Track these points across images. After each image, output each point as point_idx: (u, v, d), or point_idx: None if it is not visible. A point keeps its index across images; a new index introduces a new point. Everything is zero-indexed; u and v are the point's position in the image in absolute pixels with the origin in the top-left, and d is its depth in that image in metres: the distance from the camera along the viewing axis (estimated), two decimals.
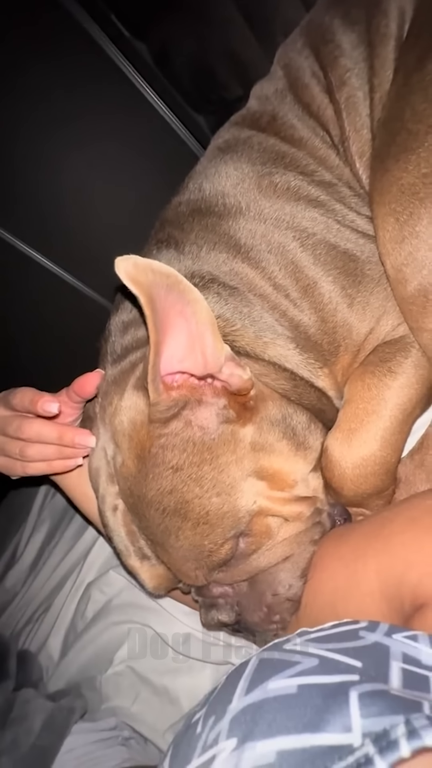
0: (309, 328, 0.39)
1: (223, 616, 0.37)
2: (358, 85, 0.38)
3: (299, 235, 0.39)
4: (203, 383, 0.34)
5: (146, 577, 0.39)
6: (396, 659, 0.19)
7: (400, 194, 0.34)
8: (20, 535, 0.95)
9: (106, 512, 0.40)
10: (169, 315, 0.30)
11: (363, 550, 0.31)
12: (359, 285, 0.40)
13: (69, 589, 0.73)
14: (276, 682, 0.19)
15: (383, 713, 0.15)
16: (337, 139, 0.40)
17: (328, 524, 0.40)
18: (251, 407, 0.36)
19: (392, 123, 0.35)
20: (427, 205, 0.32)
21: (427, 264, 0.33)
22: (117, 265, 0.27)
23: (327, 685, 0.18)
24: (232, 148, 0.44)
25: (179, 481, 0.33)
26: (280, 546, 0.36)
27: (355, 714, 0.16)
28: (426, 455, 0.40)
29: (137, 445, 0.35)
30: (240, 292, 0.38)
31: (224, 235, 0.40)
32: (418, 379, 0.39)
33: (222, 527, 0.34)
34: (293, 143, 0.41)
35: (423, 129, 0.32)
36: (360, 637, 0.21)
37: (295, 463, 0.37)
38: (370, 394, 0.38)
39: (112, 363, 0.41)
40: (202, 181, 0.44)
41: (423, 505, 0.30)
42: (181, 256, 0.41)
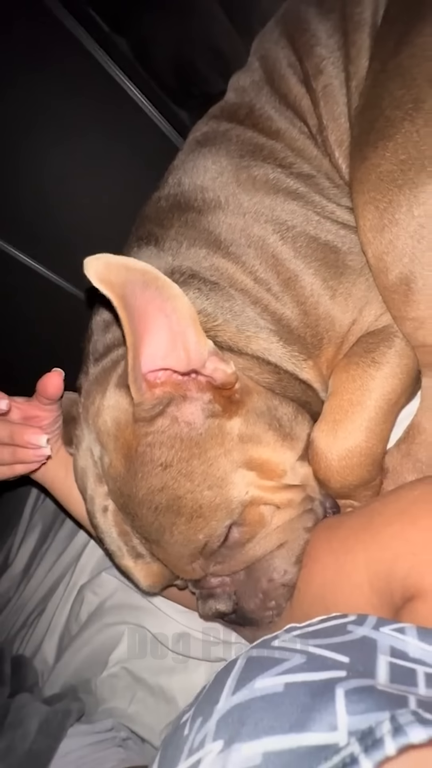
0: (292, 321, 0.39)
1: (220, 606, 0.37)
2: (335, 73, 0.38)
3: (279, 228, 0.39)
4: (187, 379, 0.34)
5: (141, 576, 0.39)
6: (383, 653, 0.19)
7: (378, 182, 0.33)
8: (12, 539, 0.94)
9: (95, 513, 0.40)
10: (148, 312, 0.30)
11: (352, 543, 0.31)
12: (341, 276, 0.39)
13: (62, 592, 0.72)
14: (263, 681, 0.19)
15: (369, 710, 0.15)
16: (315, 129, 0.40)
17: (321, 512, 0.40)
18: (237, 400, 0.35)
19: (370, 110, 0.35)
20: (406, 192, 0.32)
21: (408, 252, 0.33)
22: (86, 265, 0.26)
23: (314, 682, 0.17)
24: (210, 141, 0.43)
25: (169, 477, 0.33)
26: (275, 533, 0.36)
27: (341, 712, 0.16)
28: (412, 445, 0.40)
29: (123, 444, 0.35)
30: (221, 287, 0.38)
31: (204, 230, 0.40)
32: (402, 369, 0.39)
33: (216, 519, 0.34)
34: (271, 135, 0.41)
35: (400, 115, 0.32)
36: (348, 632, 0.21)
37: (283, 453, 0.37)
38: (355, 385, 0.38)
39: (94, 362, 0.41)
40: (181, 175, 0.44)
41: (410, 496, 0.30)
42: (161, 252, 0.40)
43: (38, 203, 0.74)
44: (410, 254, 0.33)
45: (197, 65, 0.75)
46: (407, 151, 0.31)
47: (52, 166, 0.73)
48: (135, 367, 0.30)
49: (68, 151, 0.73)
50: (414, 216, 0.32)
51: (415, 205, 0.32)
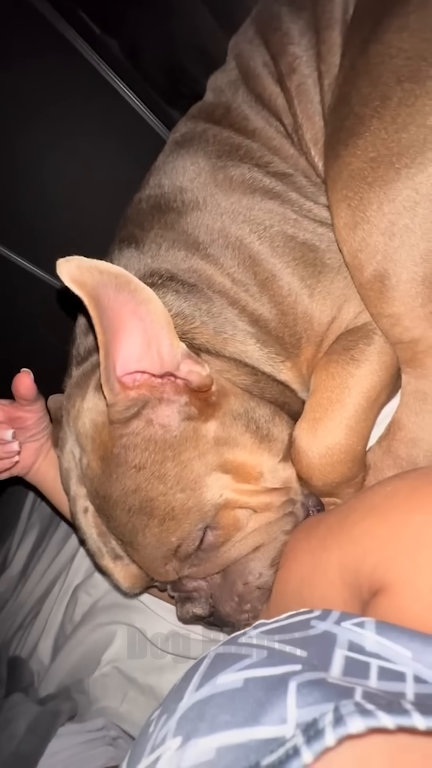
0: (270, 322, 0.39)
1: (197, 609, 0.37)
2: (308, 72, 0.38)
3: (256, 228, 0.39)
4: (163, 381, 0.34)
5: (120, 577, 0.39)
6: (341, 647, 0.19)
7: (350, 180, 0.33)
8: (11, 540, 0.94)
9: (77, 514, 0.40)
10: (122, 315, 0.30)
11: (328, 540, 0.32)
12: (319, 275, 0.39)
13: (57, 593, 0.73)
14: (225, 677, 0.19)
15: (317, 702, 0.15)
16: (291, 127, 0.40)
17: (302, 514, 0.40)
18: (213, 403, 0.35)
19: (341, 108, 0.35)
20: (376, 190, 0.32)
21: (381, 249, 0.33)
22: (59, 267, 0.27)
23: (271, 677, 0.18)
24: (188, 142, 0.43)
25: (143, 479, 0.33)
26: (251, 537, 0.36)
27: (291, 705, 0.16)
28: (392, 441, 0.40)
29: (100, 446, 0.35)
30: (199, 289, 0.38)
31: (183, 232, 0.40)
32: (381, 366, 0.39)
33: (188, 522, 0.34)
34: (247, 135, 0.41)
35: (368, 113, 0.32)
36: (311, 627, 0.21)
37: (260, 456, 0.37)
38: (334, 383, 0.38)
39: (76, 365, 0.41)
40: (161, 176, 0.44)
41: (383, 492, 0.30)
42: (141, 255, 0.41)
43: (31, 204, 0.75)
44: (383, 251, 0.33)
45: (186, 65, 0.75)
46: (376, 149, 0.31)
47: (46, 167, 0.74)
48: (107, 367, 0.30)
49: (61, 152, 0.73)
50: (384, 213, 0.32)
51: (385, 203, 0.32)
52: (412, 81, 0.29)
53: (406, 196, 0.30)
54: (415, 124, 0.29)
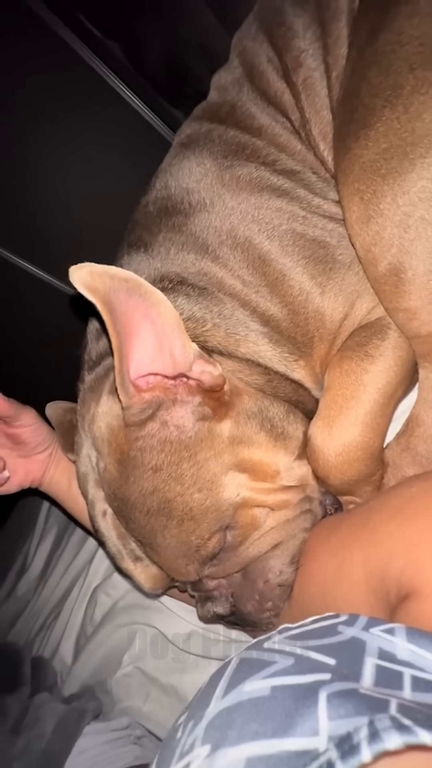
0: (281, 322, 0.39)
1: (218, 609, 0.37)
2: (314, 65, 0.37)
3: (265, 227, 0.38)
4: (176, 382, 0.34)
5: (141, 578, 0.40)
6: (371, 655, 0.18)
7: (362, 172, 0.33)
8: (29, 543, 0.96)
9: (96, 517, 0.40)
10: (133, 318, 0.30)
11: (350, 541, 0.31)
12: (330, 272, 0.39)
13: (77, 594, 0.74)
14: (251, 684, 0.19)
15: (349, 714, 0.15)
16: (298, 123, 0.40)
17: (320, 512, 0.40)
18: (226, 402, 0.35)
19: (350, 100, 0.34)
20: (390, 182, 0.31)
21: (396, 242, 0.33)
22: (71, 274, 0.27)
23: (299, 685, 0.17)
24: (193, 143, 0.43)
25: (160, 480, 0.33)
26: (269, 535, 0.36)
27: (322, 716, 0.16)
28: (411, 438, 0.40)
29: (116, 449, 0.35)
30: (210, 291, 0.38)
31: (191, 235, 0.40)
32: (397, 361, 0.38)
33: (207, 522, 0.34)
34: (253, 133, 0.41)
35: (380, 103, 0.31)
36: (338, 633, 0.21)
37: (276, 454, 0.37)
38: (349, 379, 0.38)
39: (89, 370, 0.41)
40: (167, 179, 0.44)
41: (407, 494, 0.29)
42: (150, 259, 0.41)
43: (38, 209, 0.76)
44: (398, 244, 0.33)
45: (189, 65, 0.75)
46: (389, 140, 0.31)
47: (51, 172, 0.75)
48: (121, 371, 0.31)
49: (67, 157, 0.74)
50: (399, 205, 0.31)
51: (399, 194, 0.31)
52: (425, 68, 0.28)
53: (422, 186, 0.30)
54: (430, 113, 0.28)
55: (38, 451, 0.51)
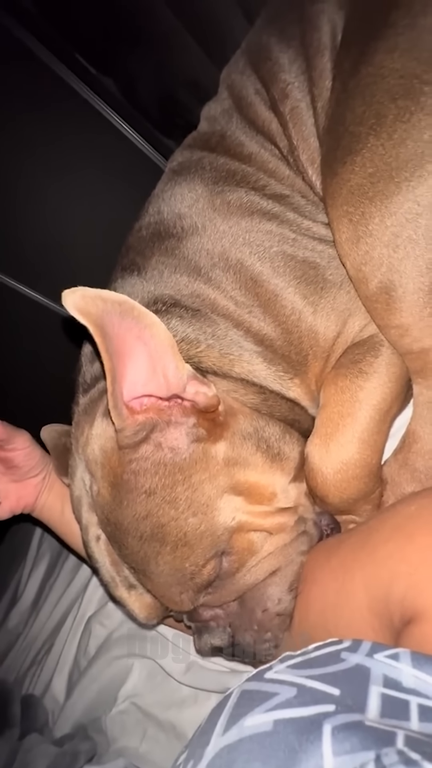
0: (275, 341, 0.39)
1: (216, 640, 0.36)
2: (300, 96, 0.39)
3: (256, 249, 0.39)
4: (170, 404, 0.34)
5: (135, 607, 0.38)
6: (376, 683, 0.17)
7: (350, 195, 0.34)
8: (21, 571, 0.93)
9: (90, 543, 0.39)
10: (127, 341, 0.30)
11: (350, 563, 0.30)
12: (322, 291, 0.39)
13: (70, 624, 0.71)
14: (253, 718, 0.18)
15: (355, 749, 0.14)
16: (286, 150, 0.41)
17: (316, 534, 0.39)
18: (221, 423, 0.35)
19: (336, 128, 0.36)
20: (377, 204, 0.32)
21: (385, 261, 0.33)
22: (64, 298, 0.27)
23: (302, 718, 0.16)
24: (185, 170, 0.44)
25: (153, 505, 0.33)
26: (266, 560, 0.35)
27: (327, 752, 0.15)
28: (409, 454, 0.39)
29: (110, 472, 0.34)
30: (203, 313, 0.39)
31: (184, 258, 0.40)
32: (391, 377, 0.38)
33: (202, 547, 0.33)
34: (243, 160, 0.42)
35: (364, 131, 0.32)
36: (341, 660, 0.20)
37: (272, 475, 0.36)
38: (344, 396, 0.38)
39: (83, 393, 0.41)
40: (159, 204, 0.45)
41: (406, 512, 0.29)
42: (144, 281, 0.41)
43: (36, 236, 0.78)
44: (387, 263, 0.33)
45: (179, 97, 0.79)
46: (374, 164, 0.32)
47: (50, 198, 0.77)
48: (114, 392, 0.30)
49: (65, 183, 0.77)
50: (387, 226, 0.32)
51: (387, 216, 0.32)
52: (406, 98, 0.29)
53: (408, 208, 0.31)
54: (412, 139, 0.30)
55: (31, 476, 0.50)
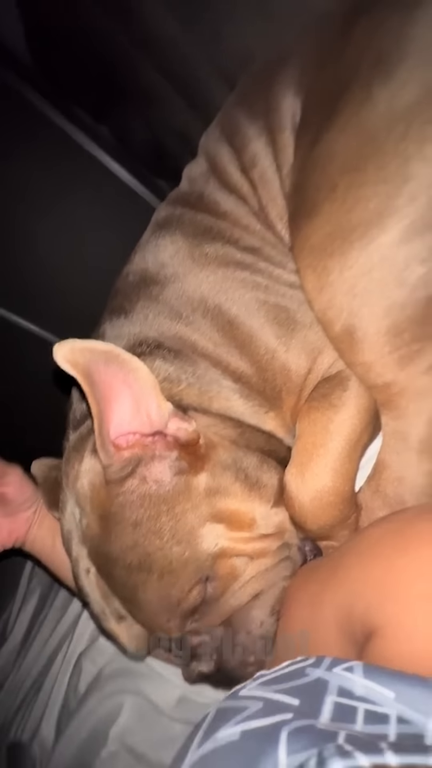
0: (251, 378, 0.42)
1: (202, 667, 0.37)
2: (267, 164, 0.45)
3: (231, 295, 0.43)
4: (154, 439, 0.37)
5: (125, 639, 0.39)
6: (331, 693, 0.20)
7: (313, 250, 0.38)
8: (10, 609, 0.91)
9: (80, 576, 0.41)
10: (113, 384, 0.33)
11: (322, 586, 0.32)
12: (293, 332, 0.43)
13: (60, 663, 0.70)
14: (224, 731, 0.20)
15: (305, 748, 0.16)
16: (256, 208, 0.46)
17: (299, 559, 0.41)
18: (202, 456, 0.38)
19: (299, 193, 0.41)
20: (335, 259, 0.37)
21: (346, 308, 0.37)
22: (55, 351, 0.30)
23: (264, 727, 0.18)
24: (168, 224, 0.49)
25: (140, 535, 0.35)
26: (249, 584, 0.37)
27: (282, 753, 0.17)
28: (380, 481, 0.42)
29: (98, 506, 0.37)
30: (184, 354, 0.42)
31: (166, 303, 0.44)
32: (359, 409, 0.41)
33: (187, 574, 0.35)
34: (219, 216, 0.47)
35: (321, 197, 0.37)
36: (305, 675, 0.22)
37: (251, 502, 0.39)
38: (316, 428, 0.41)
39: (73, 429, 0.44)
40: (145, 253, 0.49)
41: (372, 536, 0.31)
42: (130, 324, 0.45)
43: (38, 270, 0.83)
44: (348, 309, 0.37)
45: (167, 144, 0.86)
46: (331, 226, 0.36)
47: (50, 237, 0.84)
48: (101, 433, 0.33)
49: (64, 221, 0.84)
50: (345, 278, 0.36)
51: (344, 269, 0.36)
52: (353, 172, 0.35)
53: (362, 263, 0.35)
54: (360, 207, 0.34)
55: (23, 509, 0.51)
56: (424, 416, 0.39)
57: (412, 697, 0.17)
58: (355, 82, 0.35)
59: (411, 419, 0.39)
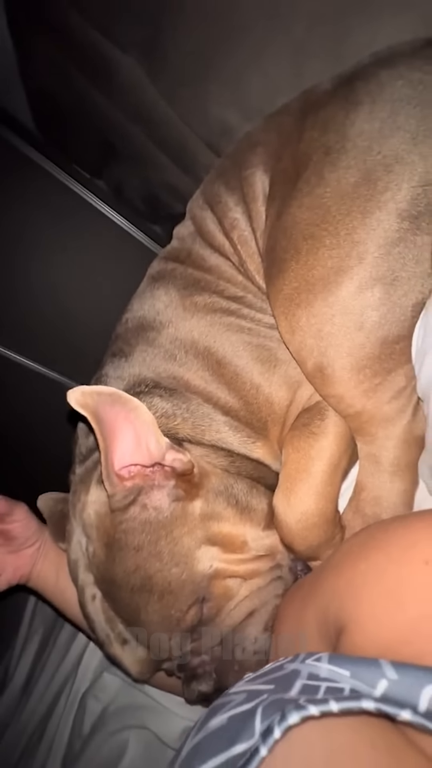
0: (239, 412, 0.48)
1: (202, 687, 0.39)
2: (244, 227, 0.52)
3: (219, 338, 0.49)
4: (153, 470, 0.41)
5: (129, 662, 0.42)
6: (302, 678, 0.23)
7: (284, 300, 0.45)
8: (11, 652, 0.90)
9: (86, 603, 0.43)
10: (117, 421, 0.38)
11: (305, 599, 0.36)
12: (275, 368, 0.49)
13: (63, 705, 0.70)
14: (214, 720, 0.23)
15: (273, 713, 0.20)
16: (238, 263, 0.53)
17: (290, 578, 0.44)
18: (197, 483, 0.42)
19: (270, 253, 0.48)
20: (303, 308, 0.43)
21: (315, 348, 0.43)
22: (68, 396, 0.36)
23: (246, 710, 0.22)
24: (161, 277, 0.56)
25: (141, 559, 0.38)
26: (243, 604, 0.40)
27: (257, 722, 0.20)
28: (359, 501, 0.46)
29: (104, 533, 0.40)
30: (179, 392, 0.47)
31: (161, 346, 0.50)
32: (337, 435, 0.46)
33: (184, 594, 0.38)
34: (205, 270, 0.54)
35: (288, 257, 0.44)
36: (283, 669, 0.25)
37: (243, 526, 0.42)
38: (299, 455, 0.45)
39: (79, 463, 0.48)
40: (142, 302, 0.56)
41: (343, 548, 0.35)
42: (130, 366, 0.51)
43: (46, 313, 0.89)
44: (317, 350, 0.43)
45: (161, 196, 0.96)
46: (297, 281, 0.43)
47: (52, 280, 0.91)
48: (107, 465, 0.38)
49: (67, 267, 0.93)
50: (312, 324, 0.43)
51: (311, 316, 0.43)
52: (312, 239, 0.42)
53: (324, 311, 0.41)
54: (320, 266, 0.41)
55: (27, 546, 0.54)
56: (393, 440, 0.44)
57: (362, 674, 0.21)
58: (311, 167, 0.43)
59: (381, 443, 0.44)
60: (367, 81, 0.43)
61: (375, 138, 0.39)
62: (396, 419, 0.43)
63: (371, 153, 0.39)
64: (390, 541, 0.28)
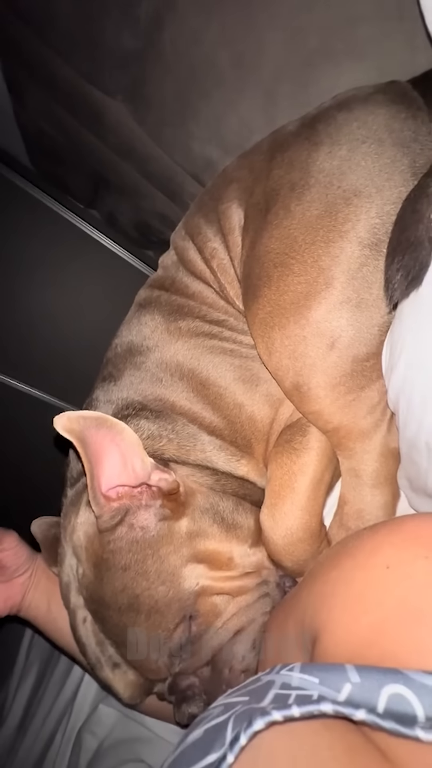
0: (223, 431, 0.49)
1: (192, 708, 0.39)
2: (223, 256, 0.55)
3: (203, 360, 0.52)
4: (140, 490, 0.42)
5: (120, 686, 0.42)
6: (275, 688, 0.24)
7: (260, 323, 0.47)
8: (6, 689, 0.88)
9: (77, 626, 0.44)
10: (103, 444, 0.40)
11: (287, 612, 0.37)
12: (256, 387, 0.51)
13: (59, 742, 0.68)
14: (193, 734, 0.24)
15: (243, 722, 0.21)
16: (218, 289, 0.56)
17: (278, 595, 0.45)
18: (183, 502, 0.43)
19: (246, 280, 0.51)
20: (276, 331, 0.45)
21: (291, 369, 0.45)
22: (55, 422, 0.37)
23: (221, 721, 0.23)
24: (147, 304, 0.59)
25: (128, 578, 0.39)
26: (231, 621, 0.41)
27: (229, 732, 0.21)
28: (342, 515, 0.47)
29: (92, 554, 0.41)
30: (165, 413, 0.49)
31: (148, 370, 0.52)
32: (318, 451, 0.48)
33: (171, 612, 0.38)
34: (189, 297, 0.57)
35: (261, 284, 0.47)
36: (259, 681, 0.26)
37: (228, 543, 0.43)
38: (282, 471, 0.47)
39: (70, 486, 0.49)
40: (130, 328, 0.59)
41: (319, 559, 0.36)
42: (119, 390, 0.53)
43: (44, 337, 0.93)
44: (293, 370, 0.45)
45: (151, 224, 1.01)
46: (270, 306, 0.46)
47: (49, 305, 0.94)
48: (93, 487, 0.39)
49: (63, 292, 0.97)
50: (286, 345, 0.45)
51: (284, 338, 0.45)
52: (282, 266, 0.45)
53: (296, 334, 0.44)
54: (290, 291, 0.44)
55: (18, 574, 0.54)
56: (371, 453, 0.46)
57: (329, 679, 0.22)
58: (279, 201, 0.47)
59: (360, 457, 0.46)
60: (327, 123, 0.47)
61: (335, 174, 0.43)
62: (372, 433, 0.45)
63: (332, 188, 0.43)
64: (357, 548, 0.29)
